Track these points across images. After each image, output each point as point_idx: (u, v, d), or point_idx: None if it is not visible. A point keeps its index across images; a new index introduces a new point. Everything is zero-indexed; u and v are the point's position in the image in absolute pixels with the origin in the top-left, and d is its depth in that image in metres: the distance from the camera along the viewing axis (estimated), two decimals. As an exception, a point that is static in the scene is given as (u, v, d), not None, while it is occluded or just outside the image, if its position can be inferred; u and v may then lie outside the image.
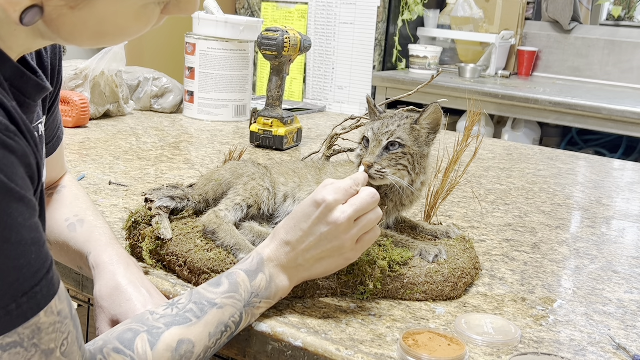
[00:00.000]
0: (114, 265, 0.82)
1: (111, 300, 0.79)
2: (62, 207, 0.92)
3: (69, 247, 0.87)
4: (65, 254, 0.89)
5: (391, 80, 3.28)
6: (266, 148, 1.67)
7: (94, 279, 0.82)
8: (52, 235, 0.89)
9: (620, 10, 3.36)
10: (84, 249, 0.85)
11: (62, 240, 0.88)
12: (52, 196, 0.94)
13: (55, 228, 0.89)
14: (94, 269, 0.82)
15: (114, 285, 0.79)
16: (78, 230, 0.87)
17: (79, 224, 0.88)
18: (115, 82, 1.90)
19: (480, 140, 1.01)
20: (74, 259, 0.88)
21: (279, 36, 1.59)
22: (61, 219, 0.89)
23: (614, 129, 2.73)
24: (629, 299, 0.94)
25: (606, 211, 1.38)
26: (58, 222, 0.89)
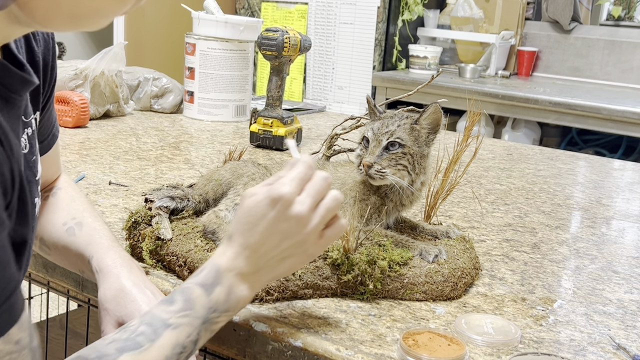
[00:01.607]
0: (117, 268, 0.81)
1: (116, 302, 0.78)
2: (58, 210, 0.90)
3: (69, 251, 0.86)
4: (65, 258, 0.88)
5: (391, 80, 3.28)
6: (266, 148, 1.66)
7: (97, 282, 0.81)
8: (51, 239, 0.88)
9: (620, 10, 3.36)
10: (85, 253, 0.84)
11: (61, 244, 0.87)
12: (47, 199, 0.92)
13: (54, 232, 0.87)
14: (97, 272, 0.82)
15: (118, 288, 0.79)
16: (77, 234, 0.86)
17: (78, 227, 0.86)
18: (115, 82, 1.90)
19: (480, 140, 1.01)
20: (75, 262, 0.87)
21: (279, 36, 1.59)
22: (58, 222, 0.88)
23: (614, 129, 2.73)
24: (629, 299, 0.94)
25: (606, 211, 1.38)
26: (56, 227, 0.88)
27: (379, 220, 0.94)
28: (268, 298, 0.83)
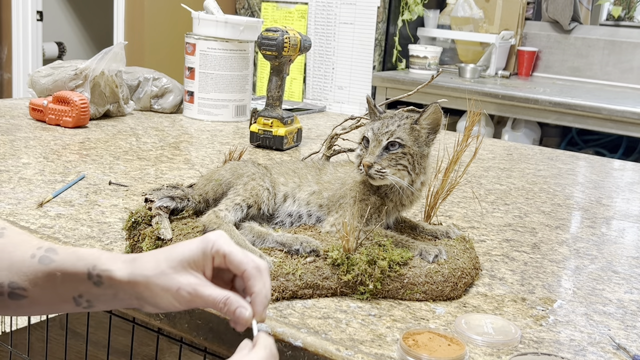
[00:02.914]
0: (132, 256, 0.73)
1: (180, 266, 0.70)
2: (14, 247, 0.76)
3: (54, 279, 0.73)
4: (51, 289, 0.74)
5: (391, 80, 3.28)
6: (266, 148, 1.67)
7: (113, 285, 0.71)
8: (25, 278, 0.74)
9: (620, 10, 3.36)
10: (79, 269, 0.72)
11: (41, 278, 0.73)
12: None
13: (24, 269, 0.74)
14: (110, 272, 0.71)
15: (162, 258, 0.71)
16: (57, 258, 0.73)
17: (52, 253, 0.74)
18: (115, 82, 1.90)
19: (480, 140, 1.01)
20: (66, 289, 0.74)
21: (279, 36, 1.59)
22: (25, 257, 0.74)
23: (614, 129, 2.73)
24: (629, 299, 0.94)
25: (606, 211, 1.38)
26: (24, 263, 0.74)
27: (379, 220, 0.94)
28: (268, 298, 0.83)
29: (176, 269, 0.69)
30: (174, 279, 0.68)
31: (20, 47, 3.67)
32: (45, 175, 1.30)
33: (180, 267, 0.69)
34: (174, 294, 0.68)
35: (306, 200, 0.99)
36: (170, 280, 0.68)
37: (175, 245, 0.71)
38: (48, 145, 1.55)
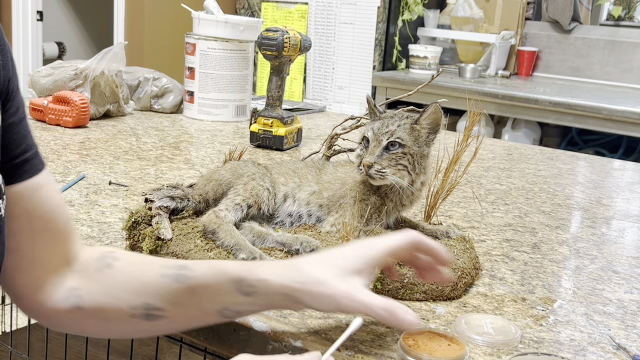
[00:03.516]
0: (289, 262, 0.73)
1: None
2: (140, 269, 0.75)
3: (196, 295, 0.71)
4: (193, 306, 0.72)
5: (391, 80, 3.28)
6: (266, 148, 1.66)
7: (264, 293, 0.70)
8: (161, 297, 0.72)
9: (620, 10, 3.36)
10: (224, 283, 0.70)
11: (180, 295, 0.72)
12: (105, 269, 0.76)
13: (158, 289, 0.72)
14: (265, 281, 0.70)
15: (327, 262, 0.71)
16: (192, 275, 0.71)
17: (186, 270, 0.72)
18: (115, 82, 1.90)
19: (480, 140, 1.01)
20: (210, 303, 0.72)
21: (279, 36, 1.59)
22: (155, 278, 0.73)
23: (614, 129, 2.73)
24: (629, 299, 0.94)
25: (606, 211, 1.38)
26: (156, 283, 0.72)
27: (379, 220, 0.94)
28: (268, 298, 0.83)
29: (338, 274, 0.69)
30: (336, 286, 0.68)
31: (20, 47, 3.67)
32: (45, 175, 1.30)
33: (342, 273, 0.69)
34: (333, 300, 0.68)
35: (306, 200, 0.99)
36: (332, 287, 0.68)
37: (337, 251, 0.72)
38: (48, 145, 1.55)
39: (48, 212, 0.75)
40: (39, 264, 0.75)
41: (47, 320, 0.78)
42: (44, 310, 0.76)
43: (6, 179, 0.70)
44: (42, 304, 0.76)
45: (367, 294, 0.68)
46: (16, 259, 0.74)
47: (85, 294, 0.75)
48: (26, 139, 0.72)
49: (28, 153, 0.72)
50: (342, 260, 0.70)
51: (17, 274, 0.75)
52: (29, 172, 0.72)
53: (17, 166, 0.71)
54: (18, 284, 0.76)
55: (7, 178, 0.70)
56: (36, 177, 0.73)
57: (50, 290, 0.76)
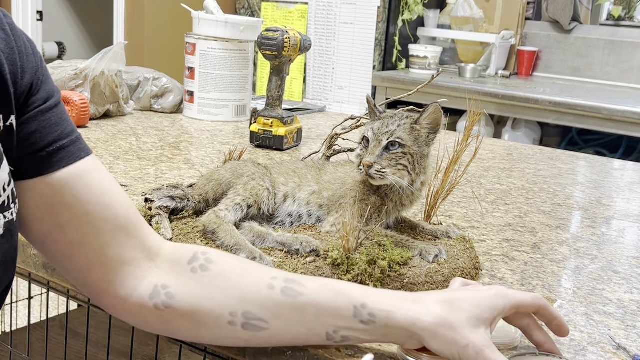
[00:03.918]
0: (413, 299, 0.69)
1: None
2: (243, 276, 0.73)
3: (304, 311, 0.69)
4: (299, 323, 0.70)
5: (391, 80, 3.28)
6: (266, 148, 1.66)
7: (386, 329, 0.68)
8: (264, 308, 0.70)
9: (620, 10, 3.37)
10: (340, 305, 0.68)
11: (286, 309, 0.69)
12: (200, 272, 0.74)
13: (261, 299, 0.70)
14: (389, 314, 0.67)
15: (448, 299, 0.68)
16: (303, 290, 0.69)
17: (294, 284, 0.70)
18: (115, 82, 1.90)
19: (480, 140, 1.01)
20: (318, 322, 0.69)
21: (279, 36, 1.59)
22: (259, 288, 0.70)
23: (614, 129, 2.73)
24: (629, 299, 0.94)
25: (606, 211, 1.38)
26: (260, 293, 0.70)
27: (379, 220, 0.94)
28: (268, 298, 0.83)
29: (469, 322, 0.65)
30: (466, 335, 0.65)
31: (20, 47, 3.67)
32: (45, 175, 1.30)
33: (473, 322, 0.66)
34: (460, 348, 0.64)
35: (306, 200, 0.99)
36: (461, 334, 0.65)
37: (467, 294, 0.69)
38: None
39: (101, 197, 0.73)
40: (110, 254, 0.73)
41: (132, 318, 0.76)
42: (129, 307, 0.74)
43: (41, 169, 0.70)
44: (125, 300, 0.74)
45: (496, 355, 0.64)
46: (85, 251, 0.72)
47: (177, 293, 0.73)
48: (59, 127, 0.71)
49: (64, 140, 0.71)
50: (473, 307, 0.67)
51: (89, 267, 0.73)
52: (66, 160, 0.71)
53: (51, 154, 0.70)
54: (94, 279, 0.74)
55: (42, 168, 0.70)
56: (77, 164, 0.71)
57: (132, 285, 0.74)
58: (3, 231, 0.66)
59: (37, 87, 0.70)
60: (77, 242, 0.72)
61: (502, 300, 0.69)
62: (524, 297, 0.71)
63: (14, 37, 0.69)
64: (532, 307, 0.71)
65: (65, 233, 0.71)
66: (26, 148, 0.69)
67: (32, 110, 0.69)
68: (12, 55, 0.68)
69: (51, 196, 0.70)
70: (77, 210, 0.71)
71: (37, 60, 0.71)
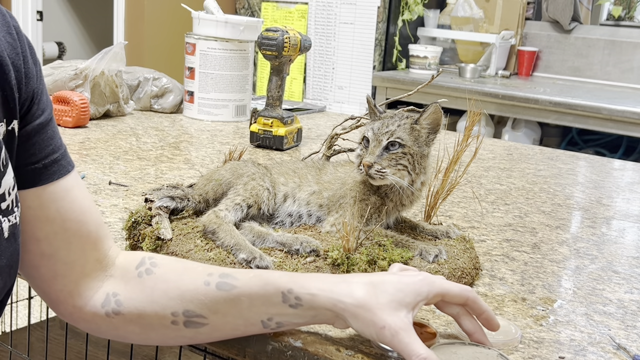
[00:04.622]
0: (336, 278, 0.71)
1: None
2: (180, 275, 0.74)
3: (238, 304, 0.71)
4: (235, 316, 0.72)
5: (391, 80, 3.28)
6: (266, 148, 1.66)
7: (309, 309, 0.70)
8: (202, 305, 0.72)
9: (620, 10, 3.37)
10: (268, 293, 0.70)
11: (222, 303, 0.71)
12: (145, 275, 0.76)
13: (199, 296, 0.72)
14: (313, 296, 0.69)
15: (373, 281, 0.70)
16: (237, 283, 0.71)
17: (227, 278, 0.71)
18: (115, 82, 1.90)
19: (480, 140, 1.01)
20: (253, 313, 0.71)
21: (279, 36, 1.59)
22: (197, 285, 0.72)
23: (614, 129, 2.73)
24: (629, 299, 0.94)
25: (606, 211, 1.38)
26: (197, 290, 0.72)
27: (379, 220, 0.94)
28: (268, 298, 0.83)
29: (389, 305, 0.67)
30: (384, 317, 0.66)
31: (20, 47, 3.67)
32: (45, 175, 1.30)
33: (394, 305, 0.67)
34: (377, 329, 0.66)
35: (306, 200, 0.99)
36: (379, 316, 0.66)
37: (393, 278, 0.70)
38: (48, 145, 1.55)
39: (81, 214, 0.75)
40: (76, 268, 0.75)
41: (86, 325, 0.78)
42: (83, 316, 0.76)
43: (35, 180, 0.71)
44: (81, 309, 0.76)
45: (412, 338, 0.65)
46: (53, 264, 0.74)
47: (124, 299, 0.75)
48: (54, 140, 0.73)
49: (57, 154, 0.73)
50: (396, 291, 0.68)
51: (54, 279, 0.75)
52: (58, 173, 0.73)
53: (46, 167, 0.71)
54: (55, 289, 0.76)
55: (36, 179, 0.71)
56: (67, 177, 0.73)
57: (88, 295, 0.76)
58: (8, 235, 0.66)
59: (38, 97, 0.71)
60: (48, 255, 0.73)
61: (427, 287, 0.70)
62: (451, 286, 0.72)
63: (19, 41, 0.69)
64: (459, 298, 0.72)
65: (40, 246, 0.73)
66: (25, 159, 0.70)
67: (34, 121, 0.70)
68: (17, 61, 0.68)
69: (38, 209, 0.71)
70: (57, 226, 0.73)
71: (37, 69, 0.71)
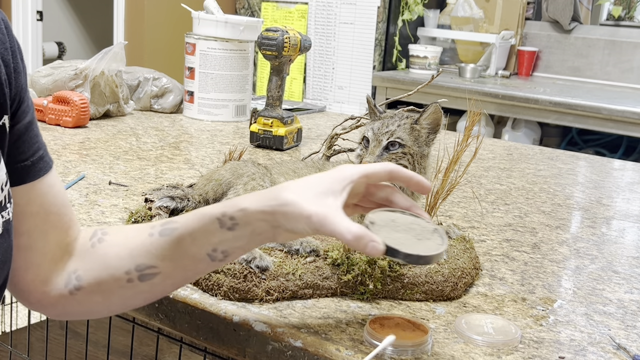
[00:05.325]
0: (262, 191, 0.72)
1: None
2: (128, 235, 0.76)
3: (182, 242, 0.72)
4: (183, 252, 0.73)
5: (391, 80, 3.28)
6: (266, 148, 1.66)
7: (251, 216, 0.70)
8: (152, 253, 0.73)
9: (620, 10, 3.36)
10: (207, 224, 0.71)
11: (169, 247, 0.73)
12: (98, 244, 0.78)
13: (147, 246, 0.73)
14: (246, 210, 0.70)
15: None
16: (178, 226, 0.72)
17: (170, 224, 0.73)
18: (115, 82, 1.90)
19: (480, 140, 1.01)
20: (199, 246, 0.72)
21: (279, 36, 1.59)
22: (142, 238, 0.74)
23: (614, 129, 2.73)
24: (629, 299, 0.94)
25: (606, 211, 1.38)
26: (144, 244, 0.74)
27: (379, 220, 0.94)
28: (268, 298, 0.83)
29: (315, 196, 0.68)
30: (309, 207, 0.67)
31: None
32: (45, 175, 1.30)
33: (320, 195, 0.68)
34: (306, 220, 0.67)
35: (306, 200, 0.99)
36: (305, 208, 0.67)
37: (317, 175, 0.72)
38: (48, 145, 1.55)
39: (62, 207, 0.77)
40: (48, 256, 0.76)
41: (53, 310, 0.79)
42: (50, 300, 0.77)
43: (25, 177, 0.73)
44: (48, 294, 0.77)
45: (340, 218, 0.66)
46: (29, 255, 0.75)
47: (83, 272, 0.77)
48: (38, 137, 0.75)
49: (41, 150, 0.75)
50: (318, 183, 0.70)
51: (27, 269, 0.76)
52: (44, 169, 0.74)
53: (34, 164, 0.73)
54: (27, 280, 0.77)
55: (25, 176, 0.73)
56: (50, 173, 0.75)
57: (55, 280, 0.77)
58: (2, 230, 0.66)
59: (24, 95, 0.73)
60: (26, 247, 0.75)
61: (349, 170, 0.71)
62: (372, 165, 0.73)
63: (8, 36, 0.70)
64: (383, 173, 0.73)
65: (19, 239, 0.73)
66: (15, 157, 0.72)
67: (24, 119, 0.72)
68: (7, 57, 0.69)
69: (25, 205, 0.73)
70: (39, 220, 0.75)
71: (23, 66, 0.73)
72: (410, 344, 0.73)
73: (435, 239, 0.71)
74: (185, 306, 0.83)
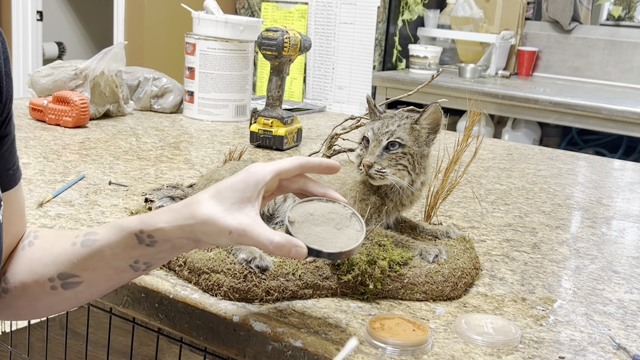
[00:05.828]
0: (179, 205, 0.72)
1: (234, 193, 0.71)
2: (54, 242, 0.77)
3: (102, 254, 0.73)
4: (103, 265, 0.73)
5: (391, 80, 3.28)
6: (266, 148, 1.66)
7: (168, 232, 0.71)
8: (74, 262, 0.74)
9: (620, 10, 3.36)
10: (126, 238, 0.71)
11: (92, 258, 0.73)
12: (27, 248, 0.78)
13: (69, 256, 0.74)
14: (164, 226, 0.70)
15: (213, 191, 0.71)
16: (98, 238, 0.73)
17: (91, 235, 0.73)
18: (115, 82, 1.90)
19: (480, 140, 1.01)
20: (119, 259, 0.73)
21: (279, 36, 1.59)
22: (65, 247, 0.74)
23: (614, 129, 2.73)
24: (629, 299, 0.94)
25: (606, 211, 1.38)
26: (67, 252, 0.74)
27: (379, 220, 0.94)
28: (268, 298, 0.83)
29: (231, 209, 0.69)
30: (227, 223, 0.68)
31: (20, 47, 3.67)
32: (45, 175, 1.30)
33: (236, 207, 0.69)
34: (227, 237, 0.68)
35: (306, 200, 0.99)
36: (223, 224, 0.68)
37: (228, 181, 0.71)
38: (48, 145, 1.55)
39: (23, 213, 0.81)
40: (2, 260, 0.77)
41: None
42: None
43: (6, 185, 0.75)
44: None
45: (260, 230, 0.68)
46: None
47: (10, 275, 0.77)
48: (15, 145, 0.78)
49: (18, 160, 0.78)
50: (231, 192, 0.70)
51: None
52: (19, 176, 0.78)
53: (14, 172, 0.77)
54: None
55: (7, 185, 0.75)
56: (21, 179, 0.79)
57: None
58: None
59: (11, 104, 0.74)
60: None
61: (259, 173, 0.71)
62: (282, 162, 0.74)
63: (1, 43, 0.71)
64: (294, 168, 0.73)
65: None
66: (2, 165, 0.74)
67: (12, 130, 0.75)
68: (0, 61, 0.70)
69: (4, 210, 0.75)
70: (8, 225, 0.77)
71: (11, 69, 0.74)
72: (410, 344, 0.73)
73: (354, 225, 0.72)
74: (185, 306, 0.83)
